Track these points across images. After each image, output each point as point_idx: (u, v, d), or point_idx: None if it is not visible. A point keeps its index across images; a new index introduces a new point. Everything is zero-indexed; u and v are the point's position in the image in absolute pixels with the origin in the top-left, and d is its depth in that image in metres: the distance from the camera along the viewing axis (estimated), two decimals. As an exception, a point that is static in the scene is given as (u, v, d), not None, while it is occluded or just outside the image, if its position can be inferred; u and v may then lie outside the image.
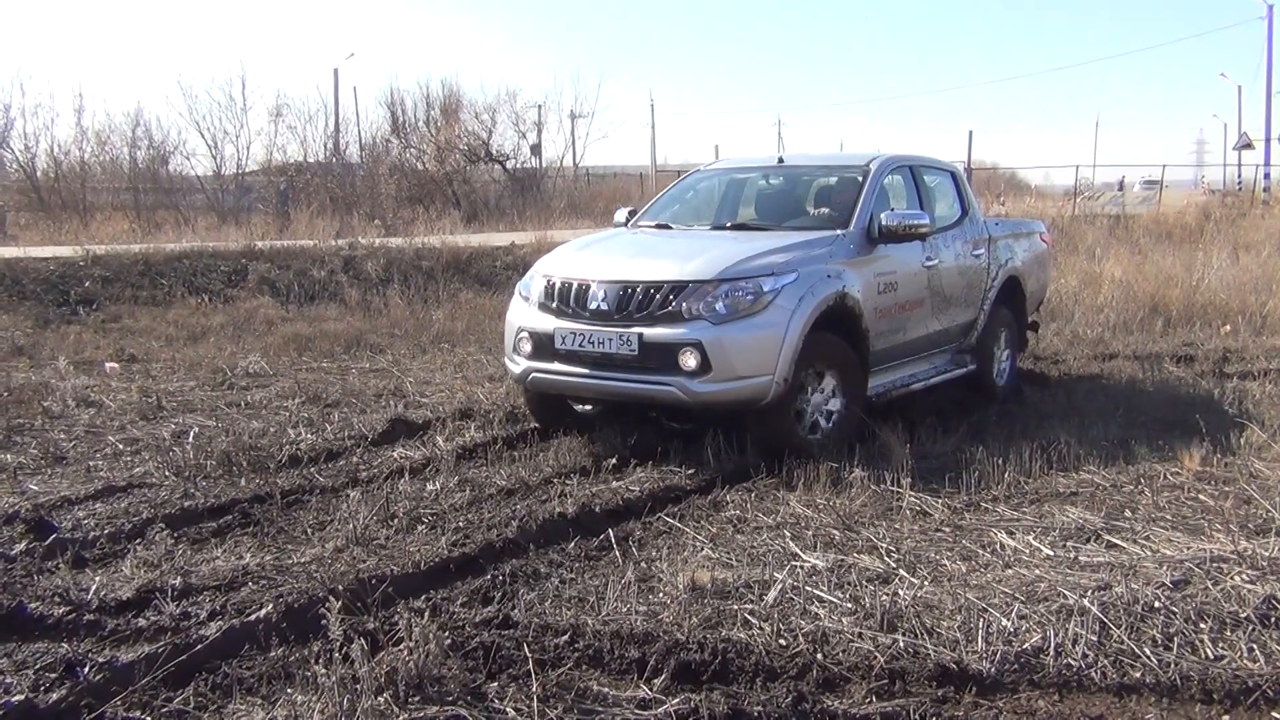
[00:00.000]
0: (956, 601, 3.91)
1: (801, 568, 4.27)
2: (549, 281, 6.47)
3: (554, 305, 6.37)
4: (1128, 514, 4.92)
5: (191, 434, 6.68)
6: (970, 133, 37.97)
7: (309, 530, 4.89)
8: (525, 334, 6.47)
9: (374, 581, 3.61)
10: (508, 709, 3.16)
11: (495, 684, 3.32)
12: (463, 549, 4.53)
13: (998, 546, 4.54)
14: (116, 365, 9.90)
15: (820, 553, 4.44)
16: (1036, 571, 4.21)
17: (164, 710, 3.17)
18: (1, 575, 4.30)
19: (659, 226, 7.69)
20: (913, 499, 5.18)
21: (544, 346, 6.34)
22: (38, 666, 3.48)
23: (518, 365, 6.57)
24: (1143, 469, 5.62)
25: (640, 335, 5.93)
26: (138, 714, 3.14)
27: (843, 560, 4.37)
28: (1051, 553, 4.44)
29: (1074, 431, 6.50)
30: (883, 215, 6.83)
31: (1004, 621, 3.71)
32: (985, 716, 3.17)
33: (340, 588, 3.54)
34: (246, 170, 31.62)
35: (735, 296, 5.92)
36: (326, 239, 18.35)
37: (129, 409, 7.72)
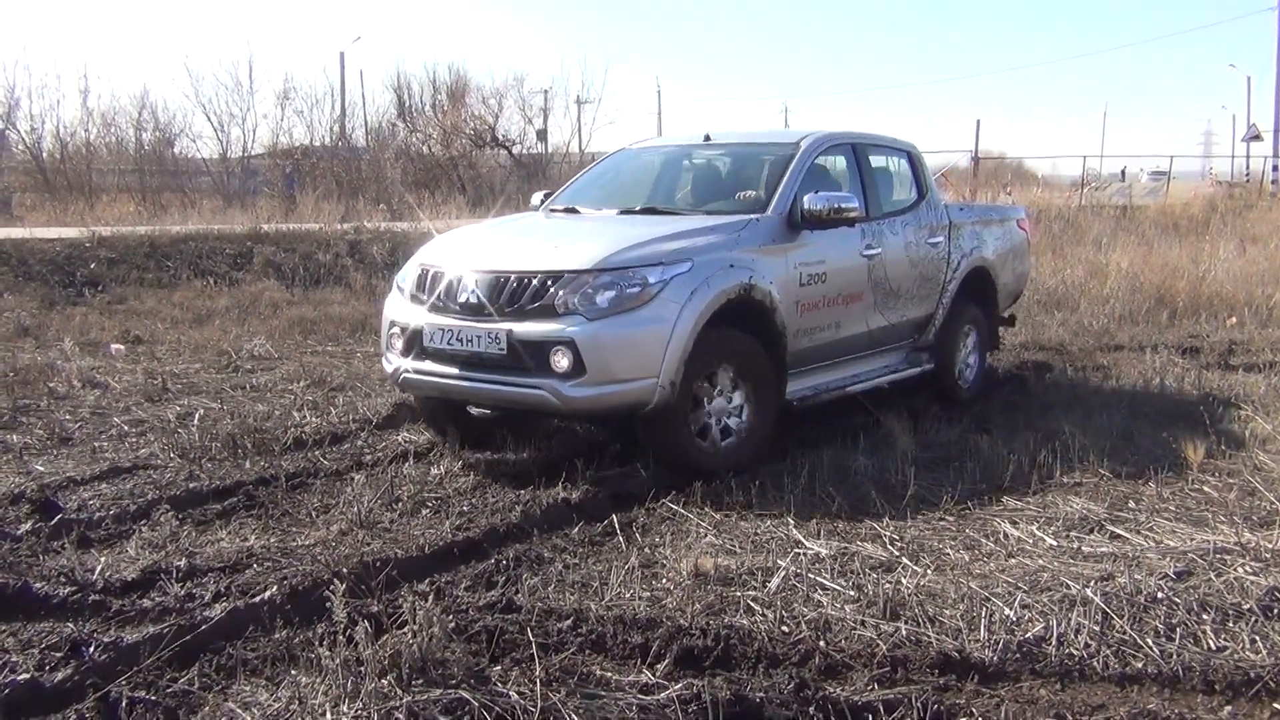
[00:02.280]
0: (959, 590, 3.91)
1: (805, 555, 4.28)
2: (422, 271, 5.92)
3: (424, 297, 5.79)
4: (1131, 505, 4.92)
5: (196, 416, 6.69)
6: (978, 121, 38.10)
7: (313, 513, 4.90)
8: (397, 329, 5.89)
9: (378, 565, 3.62)
10: (510, 692, 3.16)
11: (498, 667, 3.33)
12: (466, 533, 4.54)
13: (1001, 536, 4.54)
14: (122, 347, 9.92)
15: (823, 540, 4.45)
16: (1040, 561, 4.21)
17: (169, 690, 3.18)
18: (7, 555, 4.31)
19: (567, 210, 7.02)
20: (917, 487, 5.17)
21: (414, 343, 5.74)
22: (43, 646, 3.49)
23: (389, 364, 5.99)
24: (1147, 460, 5.62)
25: (509, 332, 5.30)
26: (143, 694, 3.15)
27: (846, 548, 4.38)
28: (1055, 542, 4.44)
29: (1078, 422, 6.50)
30: (806, 198, 6.12)
31: (1006, 610, 3.72)
32: (987, 705, 3.17)
33: (344, 570, 3.55)
34: (252, 153, 31.63)
35: (615, 289, 5.26)
36: (332, 223, 18.35)
37: (134, 390, 7.74)
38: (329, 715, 2.99)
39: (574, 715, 3.05)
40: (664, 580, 4.04)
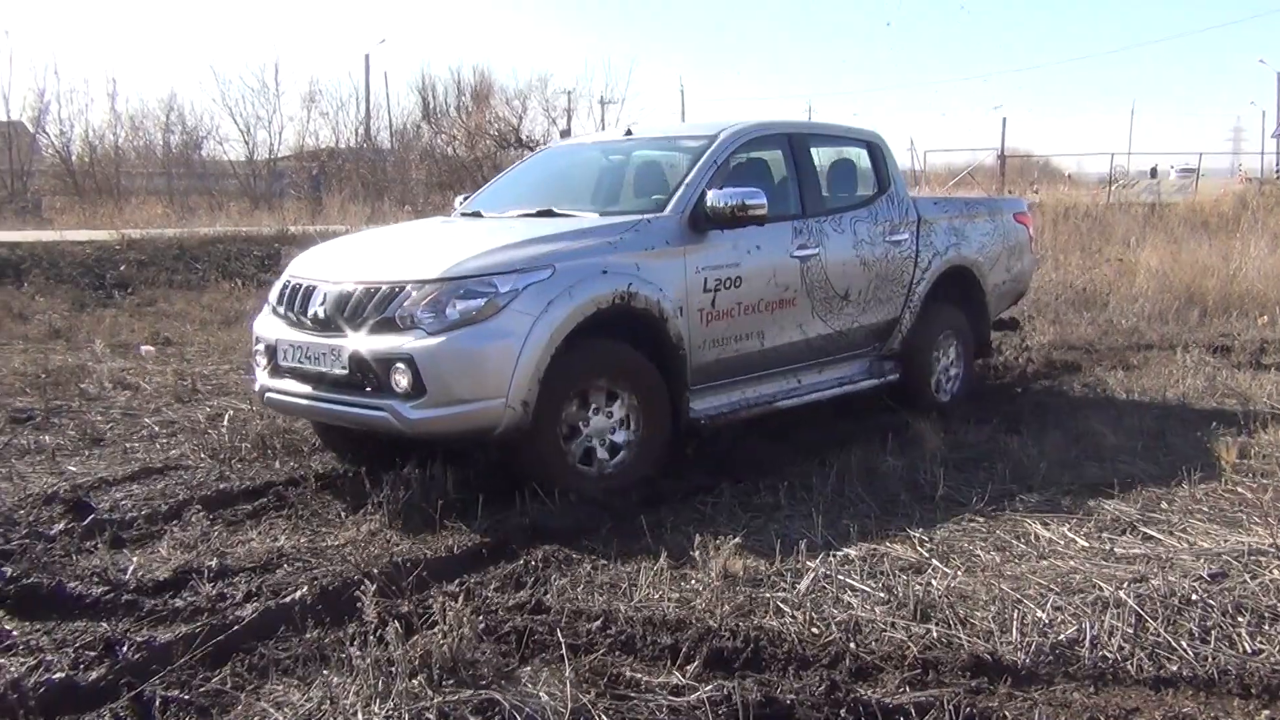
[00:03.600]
0: (990, 592, 3.89)
1: (834, 556, 4.26)
2: (284, 283, 5.57)
3: (282, 311, 5.46)
4: (1164, 506, 4.88)
5: (226, 417, 6.74)
6: (1004, 119, 37.74)
7: (342, 514, 4.93)
8: (261, 345, 5.54)
9: (408, 565, 3.63)
10: (541, 693, 3.17)
11: (528, 668, 3.33)
12: (496, 534, 4.56)
13: (1032, 537, 4.51)
14: (152, 348, 10.01)
15: (853, 541, 4.43)
16: (1071, 563, 4.18)
17: (202, 690, 3.20)
18: (41, 555, 4.35)
19: (472, 214, 6.61)
20: (946, 488, 5.15)
21: (273, 360, 5.41)
22: (77, 645, 3.53)
23: (256, 381, 5.65)
24: (1179, 460, 5.56)
25: (350, 349, 4.93)
26: (176, 693, 3.17)
27: (875, 549, 4.36)
28: (1087, 544, 4.40)
29: (1109, 422, 6.44)
30: (710, 196, 5.60)
31: (1038, 613, 3.69)
32: (1020, 708, 3.14)
33: (374, 571, 3.56)
34: (279, 156, 31.85)
35: (459, 300, 4.80)
36: (358, 224, 18.44)
37: (164, 391, 7.80)
38: (360, 715, 3.00)
39: (604, 716, 3.05)
40: (693, 581, 4.04)
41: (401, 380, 4.75)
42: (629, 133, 6.95)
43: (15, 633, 3.64)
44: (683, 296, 5.48)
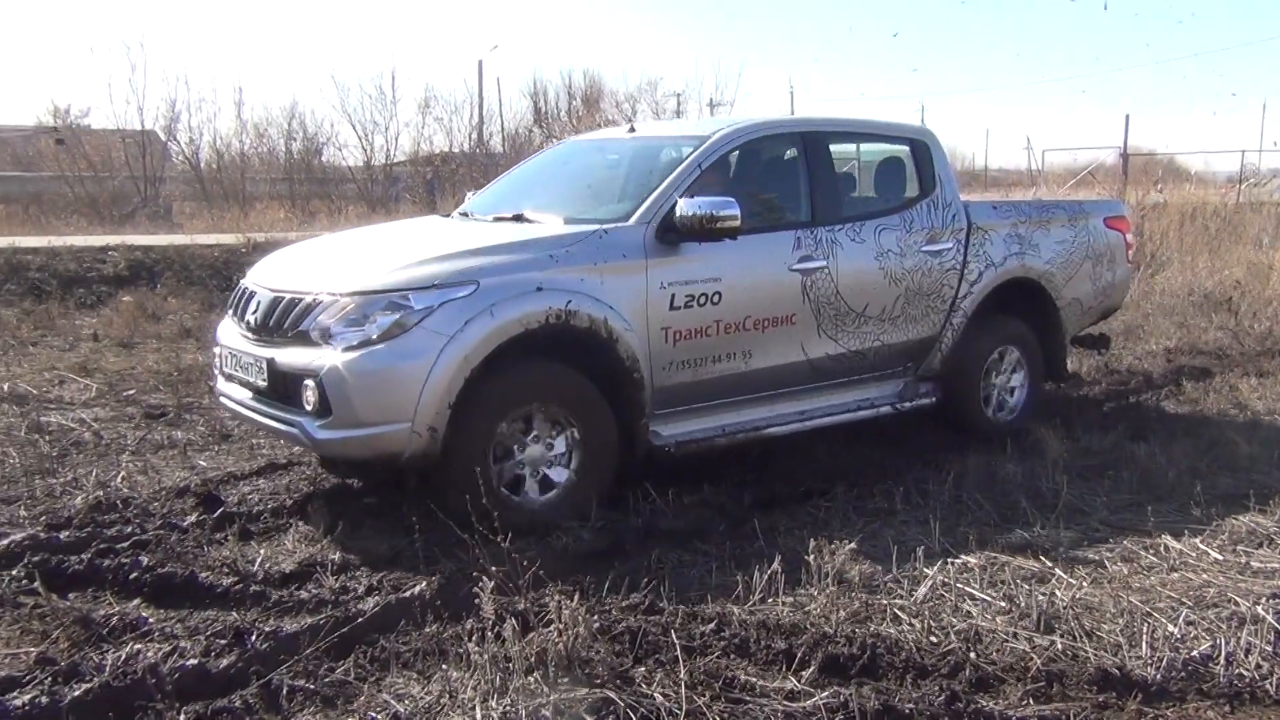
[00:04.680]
0: (1118, 604, 3.77)
1: (952, 564, 4.18)
2: (239, 287, 5.46)
3: (231, 315, 5.39)
4: (1304, 518, 4.66)
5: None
6: (1127, 117, 36.46)
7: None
8: (216, 346, 5.48)
9: (525, 563, 3.67)
10: (655, 694, 3.17)
11: (642, 669, 3.34)
12: (609, 535, 4.58)
13: (1161, 549, 4.35)
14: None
15: (972, 549, 4.33)
16: (1204, 576, 4.03)
17: (326, 680, 3.29)
18: (175, 546, 4.52)
19: (461, 214, 6.31)
20: (1070, 496, 5.00)
21: (223, 364, 5.37)
22: (209, 633, 3.66)
23: (216, 385, 5.56)
24: (1320, 471, 5.30)
25: (271, 360, 4.77)
26: (302, 682, 3.26)
27: (995, 558, 4.26)
28: (1220, 557, 4.24)
29: (1242, 430, 6.19)
30: (681, 204, 5.10)
31: (1170, 627, 3.56)
32: (1151, 725, 3.04)
33: (493, 568, 3.61)
34: (395, 160, 32.57)
35: (370, 316, 4.55)
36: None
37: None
38: (478, 710, 3.04)
39: (719, 719, 3.04)
40: (807, 586, 4.00)
41: (310, 398, 4.56)
42: (632, 129, 6.62)
43: (151, 620, 3.80)
44: (641, 314, 5.00)
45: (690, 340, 5.20)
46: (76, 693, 3.10)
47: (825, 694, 3.16)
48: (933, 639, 3.55)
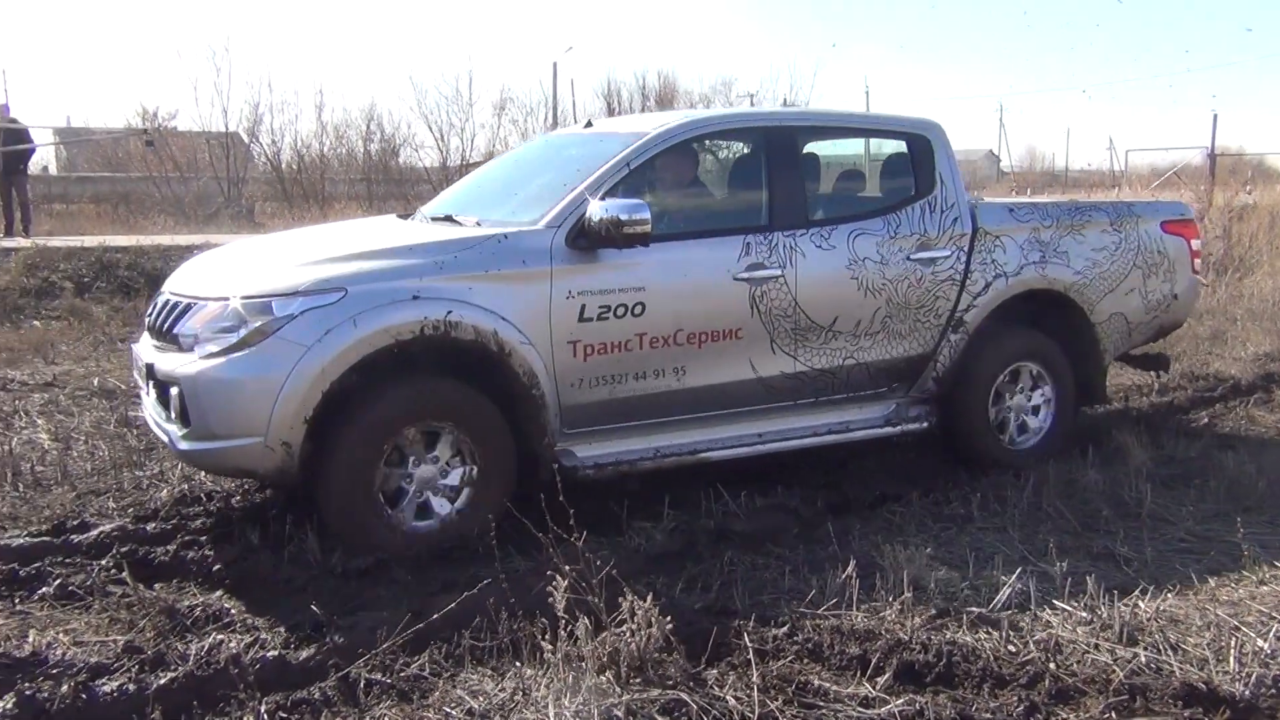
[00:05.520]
0: (1205, 617, 3.67)
1: (1032, 572, 4.10)
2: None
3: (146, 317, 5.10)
4: (1404, 533, 4.49)
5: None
6: (1214, 115, 35.32)
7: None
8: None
9: (598, 563, 3.68)
10: (728, 697, 3.16)
11: (715, 671, 3.34)
12: (682, 536, 4.58)
13: (1251, 561, 4.22)
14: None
15: (1051, 557, 4.24)
16: (1296, 590, 3.90)
17: (403, 674, 3.33)
18: (255, 539, 4.60)
19: (402, 215, 6.03)
20: (1154, 505, 4.88)
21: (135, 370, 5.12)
22: (289, 625, 3.74)
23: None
24: None
25: (150, 366, 4.58)
26: (379, 676, 3.31)
27: (1076, 566, 4.17)
28: (1313, 571, 4.10)
29: (1339, 440, 5.98)
30: (593, 207, 4.67)
31: (1260, 642, 3.46)
32: (1239, 742, 2.95)
33: (566, 567, 3.62)
34: (471, 161, 32.91)
35: (231, 323, 4.32)
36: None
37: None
38: (551, 708, 3.06)
39: (793, 724, 3.02)
40: (882, 591, 3.95)
41: (175, 406, 4.37)
42: (589, 124, 6.21)
43: (234, 611, 3.88)
44: (543, 326, 4.63)
45: (605, 355, 4.78)
46: (162, 681, 3.19)
47: (900, 701, 3.12)
48: (1011, 648, 3.49)
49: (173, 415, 4.40)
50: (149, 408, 4.81)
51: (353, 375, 4.32)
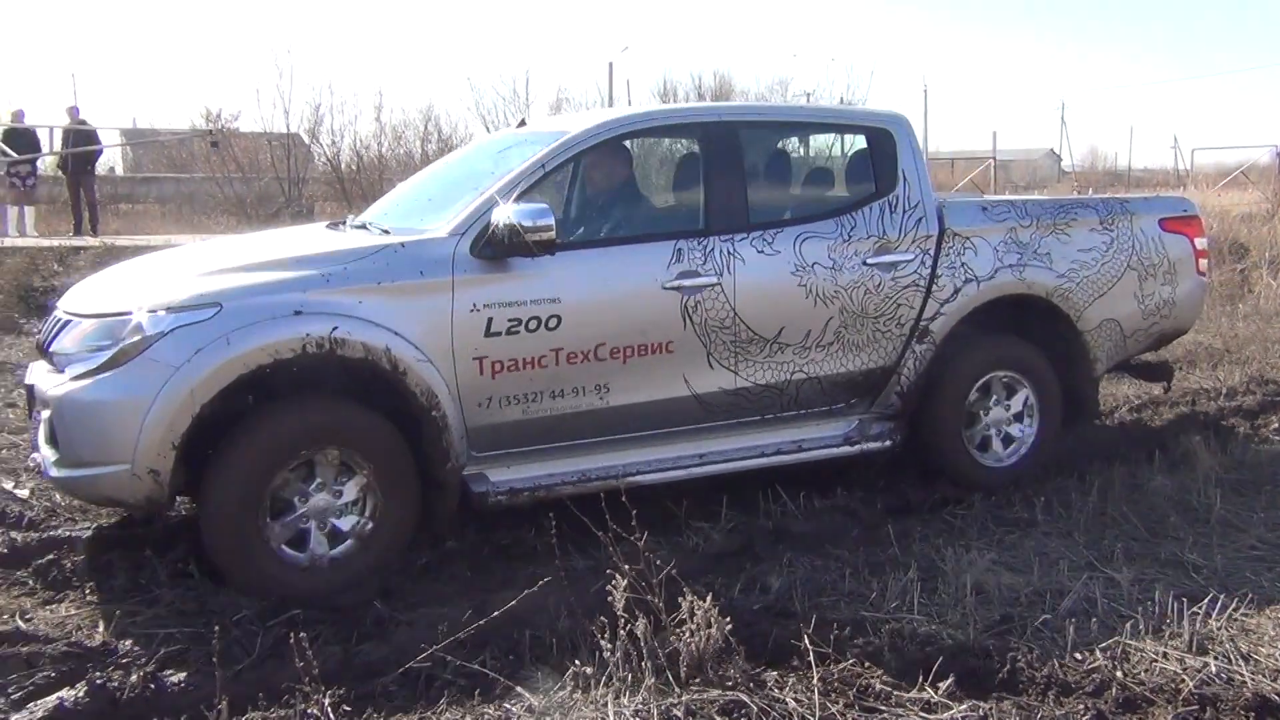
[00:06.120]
0: (1278, 627, 3.58)
1: (1097, 578, 4.03)
2: None
3: None
4: None
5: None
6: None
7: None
8: None
9: (657, 563, 3.68)
10: (787, 699, 3.15)
11: (775, 673, 3.32)
12: (740, 536, 4.57)
13: (1325, 570, 4.12)
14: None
15: (1118, 563, 4.17)
16: (1374, 600, 3.79)
17: (463, 670, 3.35)
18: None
19: (332, 223, 5.60)
20: (1223, 511, 4.77)
21: None
22: (352, 620, 3.78)
23: None
24: None
25: (30, 387, 4.35)
26: (441, 671, 3.34)
27: (1144, 573, 4.10)
28: (1392, 581, 3.98)
29: None
30: (496, 213, 4.35)
31: (1336, 653, 3.36)
32: (1316, 756, 2.88)
33: (626, 566, 3.62)
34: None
35: (100, 340, 4.04)
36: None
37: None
38: (610, 706, 3.06)
39: (854, 728, 3.00)
40: (943, 595, 3.91)
41: (45, 429, 4.15)
42: (522, 123, 5.86)
43: (296, 605, 3.93)
44: (444, 342, 4.29)
45: (517, 372, 4.44)
46: (230, 673, 3.24)
47: (963, 707, 3.09)
48: (1077, 656, 3.43)
49: (44, 439, 4.16)
50: (34, 431, 4.44)
51: (232, 398, 4.01)
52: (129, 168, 29.33)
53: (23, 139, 17.40)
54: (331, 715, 2.99)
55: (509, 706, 3.16)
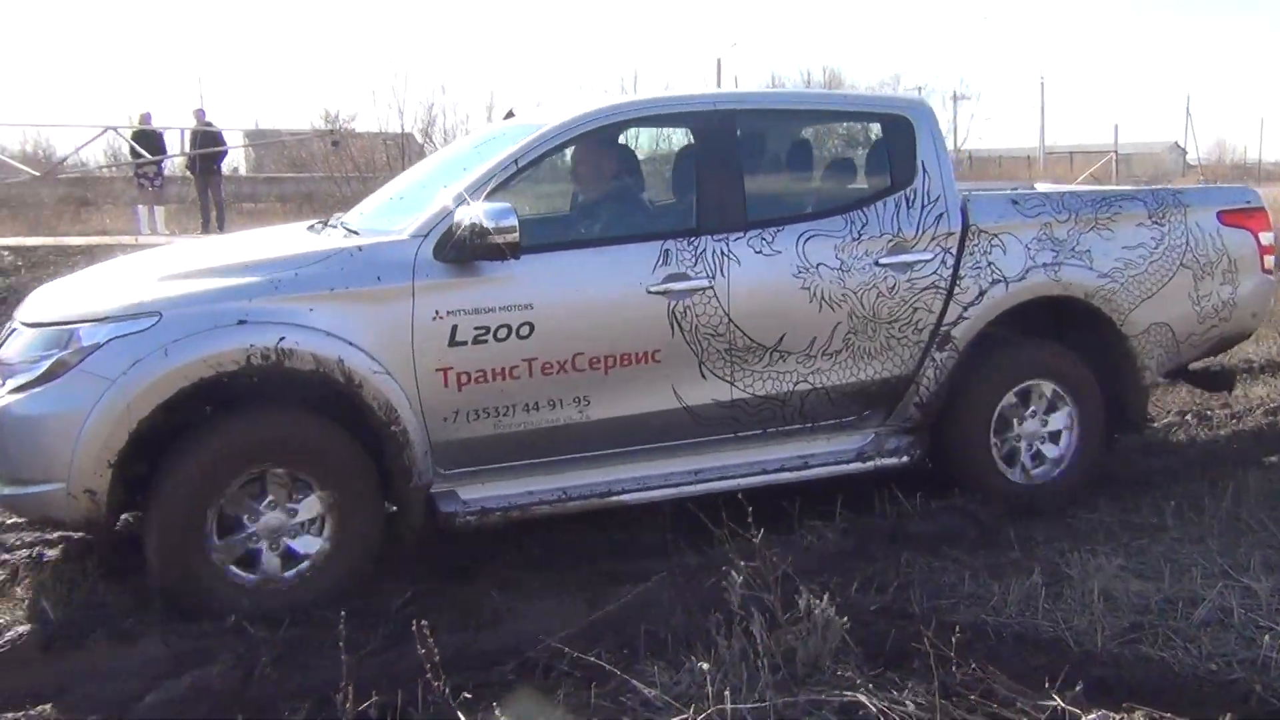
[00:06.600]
0: None
1: (1233, 587, 3.86)
2: None
3: None
4: None
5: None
6: None
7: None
8: None
9: (773, 560, 3.65)
10: (907, 701, 3.09)
11: (894, 674, 3.26)
12: (855, 535, 4.51)
13: None
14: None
15: (1256, 572, 3.99)
16: None
17: (580, 661, 3.36)
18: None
19: (311, 226, 5.13)
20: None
21: None
22: (471, 611, 3.85)
23: None
24: None
25: None
26: (559, 663, 3.36)
27: (1286, 583, 3.91)
28: None
29: None
30: (460, 213, 4.07)
31: None
32: None
33: (741, 563, 3.60)
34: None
35: (38, 351, 3.85)
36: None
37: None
38: (728, 703, 3.04)
39: (977, 733, 2.93)
40: (1069, 601, 3.79)
41: None
42: (509, 115, 5.40)
43: (409, 594, 4.02)
44: (404, 352, 4.04)
45: (485, 384, 4.16)
46: (354, 659, 3.31)
47: (1093, 716, 2.98)
48: (1212, 666, 3.30)
49: None
50: None
51: (180, 412, 3.86)
52: (252, 168, 30.33)
53: (150, 141, 18.15)
54: (452, 702, 3.03)
55: (624, 700, 3.17)
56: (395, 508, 4.20)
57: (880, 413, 4.91)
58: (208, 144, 17.96)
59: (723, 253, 4.47)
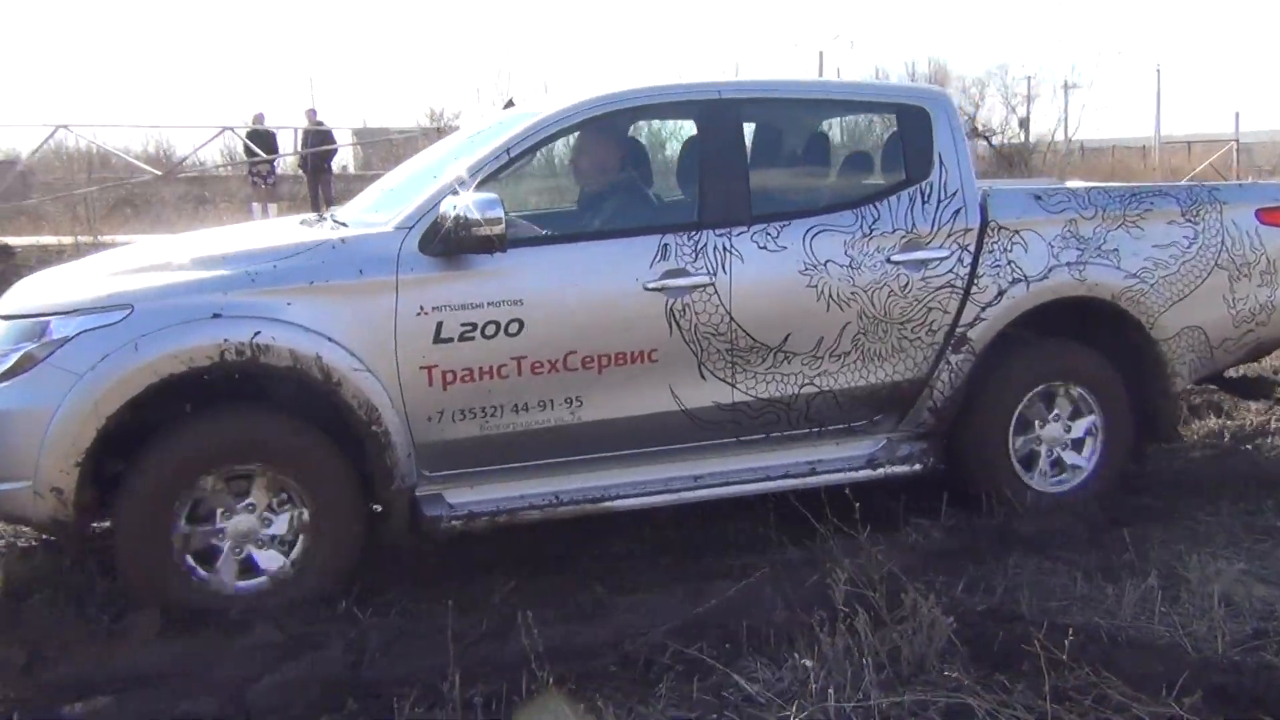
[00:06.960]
0: None
1: (1367, 595, 3.69)
2: None
3: None
4: None
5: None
6: None
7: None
8: None
9: (878, 557, 3.61)
10: (1017, 704, 3.03)
11: (1002, 677, 3.19)
12: (962, 535, 4.43)
13: None
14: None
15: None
16: None
17: (682, 656, 3.37)
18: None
19: (304, 220, 5.03)
20: None
21: None
22: (577, 605, 3.87)
23: None
24: None
25: None
26: (659, 656, 3.37)
27: None
28: None
29: None
30: (445, 205, 3.91)
31: None
32: None
33: (846, 560, 3.58)
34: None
35: (8, 343, 3.75)
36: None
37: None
38: (831, 701, 3.02)
39: (1090, 739, 2.85)
40: (1187, 605, 3.66)
41: None
42: (510, 104, 5.24)
43: (511, 587, 4.07)
44: (386, 348, 3.90)
45: (472, 383, 4.00)
46: (459, 648, 3.37)
47: (1213, 725, 2.89)
48: (1344, 676, 3.16)
49: None
50: None
51: (153, 408, 3.76)
52: (360, 166, 31.01)
53: (263, 140, 18.73)
54: (556, 692, 3.07)
55: (726, 695, 3.17)
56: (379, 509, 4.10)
57: (892, 417, 4.70)
58: (319, 143, 18.46)
59: (725, 248, 4.29)
